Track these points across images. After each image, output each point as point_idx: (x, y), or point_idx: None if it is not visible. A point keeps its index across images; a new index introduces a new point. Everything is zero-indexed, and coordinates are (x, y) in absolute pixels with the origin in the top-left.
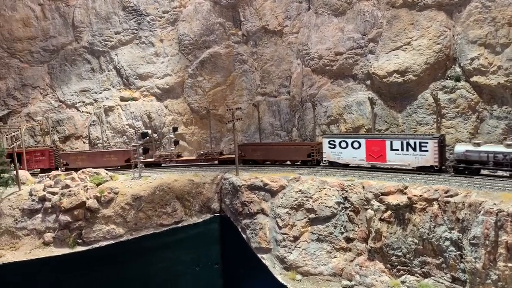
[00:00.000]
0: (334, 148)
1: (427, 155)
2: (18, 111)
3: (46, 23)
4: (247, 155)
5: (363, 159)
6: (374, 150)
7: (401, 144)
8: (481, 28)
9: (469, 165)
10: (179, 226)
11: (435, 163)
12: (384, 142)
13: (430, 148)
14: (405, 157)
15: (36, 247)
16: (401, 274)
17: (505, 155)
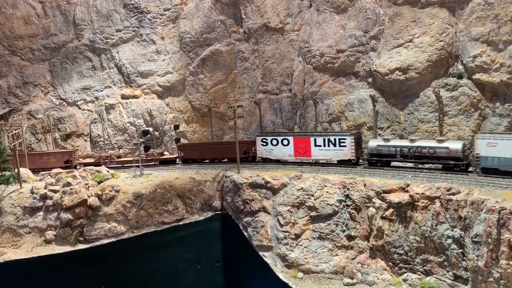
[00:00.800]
0: (267, 146)
1: (345, 150)
2: (19, 109)
3: (47, 21)
4: (186, 154)
5: (292, 154)
6: (301, 146)
7: (323, 141)
8: (484, 25)
9: (380, 158)
10: (181, 224)
11: (352, 157)
12: (309, 139)
13: (348, 143)
14: (327, 152)
15: (38, 245)
16: (403, 272)
17: (409, 148)
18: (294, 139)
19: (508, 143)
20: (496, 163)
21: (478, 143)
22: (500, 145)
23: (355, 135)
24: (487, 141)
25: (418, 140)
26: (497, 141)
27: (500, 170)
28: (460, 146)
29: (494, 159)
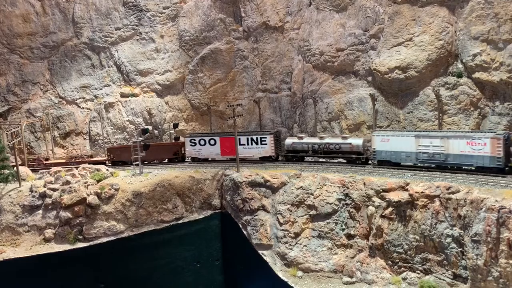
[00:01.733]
0: (195, 146)
1: (266, 147)
2: (18, 107)
3: (46, 19)
4: (115, 157)
5: (219, 153)
6: (227, 145)
7: (247, 140)
8: (484, 24)
9: (296, 153)
10: (180, 223)
11: (273, 154)
12: (234, 138)
13: (268, 142)
14: (251, 150)
15: (37, 244)
16: (402, 270)
17: (319, 145)
18: (220, 139)
19: (397, 139)
20: (389, 156)
21: (374, 139)
22: (392, 141)
23: (275, 134)
24: (381, 138)
25: (327, 137)
26: (389, 137)
27: (392, 162)
28: (360, 142)
29: (387, 152)
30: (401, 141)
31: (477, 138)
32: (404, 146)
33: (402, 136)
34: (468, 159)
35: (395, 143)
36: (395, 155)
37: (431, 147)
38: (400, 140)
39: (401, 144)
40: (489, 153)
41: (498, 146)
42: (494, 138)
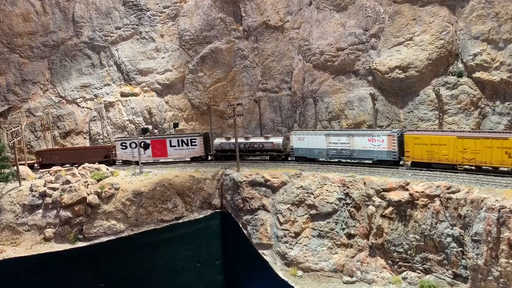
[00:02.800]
0: (126, 149)
1: (196, 148)
2: (18, 107)
3: (46, 18)
4: (44, 160)
5: (150, 155)
6: (158, 147)
7: (177, 142)
8: (484, 23)
9: (224, 153)
10: (180, 222)
11: (202, 154)
12: (165, 140)
13: (198, 143)
14: (181, 151)
15: (37, 243)
16: (402, 270)
17: (245, 144)
18: (151, 142)
19: (311, 137)
20: (304, 152)
21: (292, 138)
22: (306, 139)
23: (204, 135)
24: (297, 136)
25: (252, 137)
26: (304, 136)
27: (307, 157)
28: (281, 141)
29: (303, 149)
30: (314, 139)
31: (376, 136)
32: (316, 144)
33: (315, 135)
34: (370, 154)
35: (309, 141)
36: (309, 151)
37: (339, 144)
38: (313, 139)
39: (314, 142)
40: (386, 148)
41: (393, 142)
42: (390, 135)
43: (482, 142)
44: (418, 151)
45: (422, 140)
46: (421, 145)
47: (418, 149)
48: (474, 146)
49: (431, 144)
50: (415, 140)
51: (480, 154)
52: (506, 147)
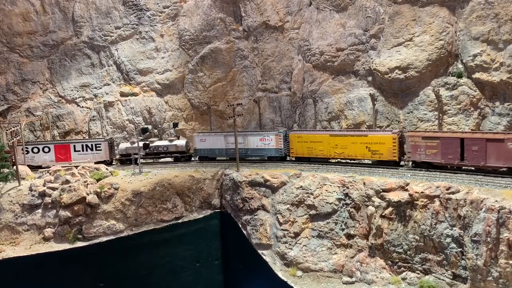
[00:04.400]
0: (28, 154)
1: (101, 153)
2: (17, 106)
3: (46, 18)
4: None
5: (53, 160)
6: (62, 152)
7: (81, 146)
8: (484, 24)
9: (129, 157)
10: (180, 222)
11: (107, 158)
12: (69, 145)
13: (103, 148)
14: (86, 156)
15: (36, 243)
16: (401, 270)
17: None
18: (55, 147)
19: (212, 138)
20: (206, 152)
21: (194, 140)
22: (208, 140)
23: (109, 141)
24: (200, 138)
25: (156, 141)
26: (206, 137)
27: (209, 157)
28: (184, 143)
29: (205, 150)
30: (214, 140)
31: (266, 136)
32: (217, 144)
33: (215, 136)
34: (262, 151)
35: (210, 142)
36: (211, 151)
37: None
38: (214, 139)
39: (215, 143)
40: (274, 146)
41: (280, 140)
42: (277, 135)
43: (349, 139)
44: (300, 148)
45: (303, 139)
46: (302, 143)
47: (300, 146)
48: (343, 142)
49: (310, 141)
50: (298, 139)
51: (347, 149)
52: (367, 143)
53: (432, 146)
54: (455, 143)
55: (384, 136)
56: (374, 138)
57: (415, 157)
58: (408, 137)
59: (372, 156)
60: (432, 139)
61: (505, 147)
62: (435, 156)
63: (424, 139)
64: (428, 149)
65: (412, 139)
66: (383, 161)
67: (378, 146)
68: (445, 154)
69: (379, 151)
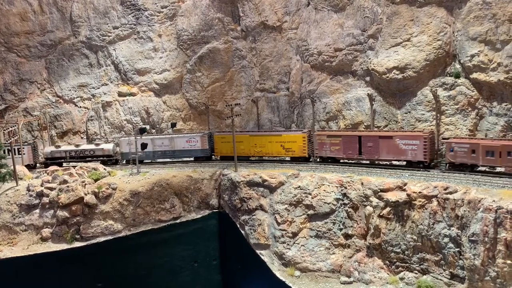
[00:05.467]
0: None
1: (25, 156)
2: (15, 106)
3: (44, 18)
4: None
5: None
6: None
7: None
8: (482, 24)
9: (54, 160)
10: (178, 222)
11: (31, 162)
12: None
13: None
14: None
15: (34, 243)
16: (399, 270)
17: (76, 151)
18: None
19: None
20: (195, 154)
21: (121, 143)
22: (193, 141)
23: (32, 145)
24: (127, 141)
25: (83, 145)
26: (191, 139)
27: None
28: (111, 147)
29: (195, 151)
30: None
31: (192, 137)
32: None
33: (142, 140)
34: (189, 152)
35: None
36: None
37: (163, 146)
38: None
39: None
40: (200, 147)
41: (205, 142)
42: (202, 136)
43: (266, 138)
44: (224, 148)
45: (227, 139)
46: (226, 143)
47: (224, 146)
48: (261, 142)
49: None
50: (222, 139)
51: (265, 148)
52: (281, 142)
53: (335, 143)
54: (354, 140)
55: (295, 135)
56: (287, 137)
57: (321, 153)
58: (315, 136)
59: (286, 153)
60: (336, 137)
61: (393, 143)
62: (338, 152)
63: (329, 137)
64: (332, 146)
65: (319, 137)
66: (295, 158)
67: (291, 144)
68: (346, 150)
69: (291, 149)
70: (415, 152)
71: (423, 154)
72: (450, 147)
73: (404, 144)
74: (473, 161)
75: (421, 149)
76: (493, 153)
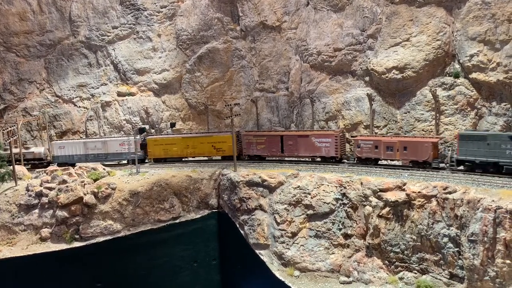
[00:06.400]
0: None
1: None
2: (14, 106)
3: (43, 17)
4: None
5: None
6: None
7: None
8: (481, 24)
9: None
10: (177, 222)
11: None
12: None
13: None
14: None
15: (33, 243)
16: (399, 270)
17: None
18: None
19: (71, 145)
20: (65, 159)
21: (53, 147)
22: (67, 147)
23: None
24: (58, 145)
25: (32, 147)
26: (64, 145)
27: (68, 163)
28: (42, 150)
29: (64, 156)
30: (73, 146)
31: (125, 141)
32: (76, 151)
33: (73, 144)
34: (122, 155)
35: (69, 149)
36: (70, 158)
37: (96, 149)
38: (73, 146)
39: (74, 149)
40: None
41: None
42: (135, 140)
43: (198, 139)
44: (157, 150)
45: (160, 142)
46: (159, 146)
47: (157, 148)
48: (193, 143)
49: (166, 144)
50: (155, 142)
51: (197, 148)
52: (212, 142)
53: (261, 142)
54: (277, 139)
55: (225, 136)
56: (218, 138)
57: (249, 152)
58: (243, 136)
59: (217, 153)
60: (261, 137)
61: (310, 141)
62: (264, 150)
63: (255, 137)
64: (258, 145)
65: (246, 137)
66: (226, 156)
67: (221, 145)
68: (270, 148)
69: (222, 148)
70: (328, 148)
71: (335, 150)
72: (357, 144)
73: (319, 142)
74: (376, 155)
75: (333, 146)
76: (392, 148)
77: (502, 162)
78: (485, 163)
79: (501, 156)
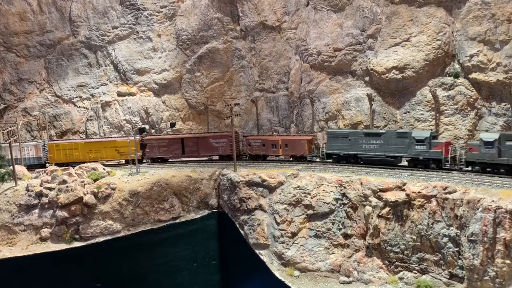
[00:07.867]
0: None
1: None
2: (14, 106)
3: (43, 17)
4: None
5: None
6: None
7: None
8: (481, 24)
9: None
10: (177, 222)
11: None
12: None
13: None
14: None
15: (33, 243)
16: (399, 270)
17: None
18: None
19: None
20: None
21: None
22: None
23: None
24: None
25: None
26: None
27: None
28: None
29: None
30: None
31: (26, 146)
32: None
33: None
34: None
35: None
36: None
37: None
38: None
39: None
40: (35, 155)
41: (39, 150)
42: (36, 145)
43: (102, 144)
44: (59, 155)
45: (61, 147)
46: (61, 151)
47: (59, 153)
48: (96, 148)
49: (68, 149)
50: (56, 147)
51: (101, 153)
52: (116, 146)
53: (163, 145)
54: (178, 142)
55: (127, 141)
56: (121, 143)
57: (151, 155)
58: (146, 140)
59: (120, 157)
60: (163, 140)
61: (208, 142)
62: (166, 152)
63: (157, 141)
64: (161, 148)
65: (149, 141)
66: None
67: (124, 149)
68: (172, 150)
69: (125, 152)
70: (224, 148)
71: (230, 149)
72: (249, 143)
73: (216, 143)
74: (264, 152)
75: (229, 145)
76: (276, 145)
77: (359, 154)
78: (347, 155)
79: (358, 149)
